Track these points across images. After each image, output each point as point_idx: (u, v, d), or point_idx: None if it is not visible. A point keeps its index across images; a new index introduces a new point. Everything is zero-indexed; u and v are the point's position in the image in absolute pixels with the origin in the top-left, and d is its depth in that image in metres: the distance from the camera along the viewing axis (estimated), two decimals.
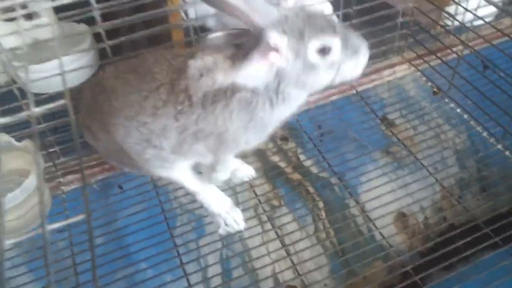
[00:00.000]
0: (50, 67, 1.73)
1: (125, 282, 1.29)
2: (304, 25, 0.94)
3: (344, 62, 0.99)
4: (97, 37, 1.43)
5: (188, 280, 1.26)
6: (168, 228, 1.37)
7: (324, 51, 0.95)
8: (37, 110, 0.75)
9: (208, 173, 1.36)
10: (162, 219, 1.40)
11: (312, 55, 0.95)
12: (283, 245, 1.35)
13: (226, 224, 1.35)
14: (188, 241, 1.37)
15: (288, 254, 1.33)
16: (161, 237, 1.35)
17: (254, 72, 0.91)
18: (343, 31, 0.97)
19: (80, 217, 0.65)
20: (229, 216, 1.35)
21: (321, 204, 1.49)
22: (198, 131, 1.09)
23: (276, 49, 0.93)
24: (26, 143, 1.43)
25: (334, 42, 0.95)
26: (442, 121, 1.71)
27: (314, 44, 0.94)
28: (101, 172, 1.57)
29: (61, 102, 0.75)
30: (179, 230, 1.39)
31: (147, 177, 1.50)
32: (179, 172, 1.28)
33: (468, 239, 1.28)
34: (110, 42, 1.40)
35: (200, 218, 1.43)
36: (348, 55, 0.98)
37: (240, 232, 1.37)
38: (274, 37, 0.92)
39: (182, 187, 1.40)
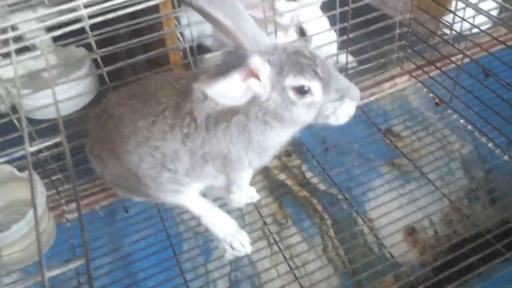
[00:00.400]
0: (50, 94, 1.72)
1: None
2: (287, 61, 0.94)
3: (326, 105, 0.97)
4: (97, 62, 1.43)
5: None
6: (174, 254, 1.35)
7: (301, 90, 0.94)
8: (32, 150, 0.74)
9: (225, 196, 1.35)
10: (168, 244, 1.38)
11: (289, 92, 0.95)
12: (292, 268, 1.33)
13: (232, 248, 1.33)
14: (197, 266, 1.35)
15: (296, 277, 1.30)
16: (168, 263, 1.33)
17: (227, 90, 0.90)
18: (329, 74, 0.95)
19: (80, 261, 0.63)
20: (235, 240, 1.33)
21: (329, 222, 1.47)
22: (205, 153, 1.09)
23: (256, 75, 0.92)
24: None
25: (312, 85, 0.94)
26: (447, 132, 1.69)
27: (290, 82, 0.94)
28: (105, 197, 1.55)
29: (56, 139, 0.74)
30: (187, 255, 1.37)
31: (152, 202, 1.48)
32: (189, 195, 1.27)
33: (480, 255, 1.26)
34: (107, 68, 1.39)
35: (207, 241, 1.42)
36: (331, 99, 0.96)
37: (247, 255, 1.35)
38: (258, 63, 0.91)
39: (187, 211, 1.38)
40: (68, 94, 1.60)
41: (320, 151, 1.68)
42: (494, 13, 2.00)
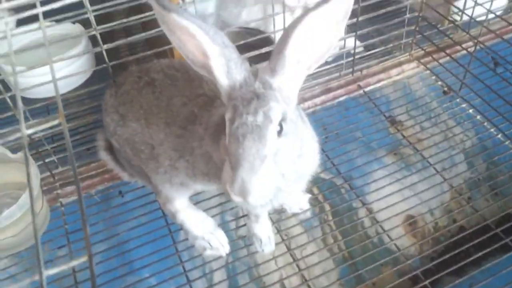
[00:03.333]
0: (43, 71, 1.65)
1: None
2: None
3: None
4: (93, 40, 1.35)
5: None
6: (174, 243, 1.31)
7: None
8: (29, 132, 0.68)
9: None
10: (166, 232, 1.34)
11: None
12: (294, 260, 1.30)
13: (210, 246, 1.28)
14: (194, 255, 1.31)
15: (300, 269, 1.28)
16: (166, 251, 1.30)
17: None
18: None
19: (82, 259, 0.58)
20: (213, 238, 1.28)
21: (327, 207, 1.44)
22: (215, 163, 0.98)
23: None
24: (22, 154, 1.36)
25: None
26: (452, 123, 1.65)
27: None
28: (101, 182, 1.50)
29: (55, 122, 0.68)
30: (184, 244, 1.33)
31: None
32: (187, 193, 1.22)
33: (477, 240, 1.25)
34: (106, 46, 1.32)
35: None
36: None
37: (226, 254, 1.30)
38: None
39: None
40: (63, 72, 1.53)
41: (322, 139, 1.63)
42: (505, 0, 1.93)
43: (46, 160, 1.46)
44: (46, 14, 1.25)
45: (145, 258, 1.29)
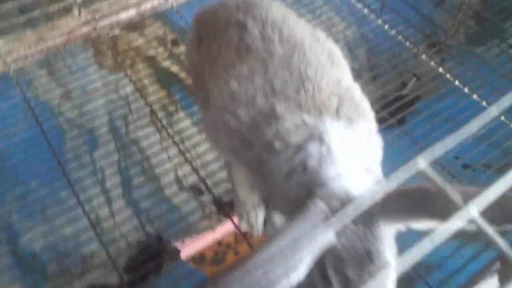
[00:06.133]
0: None
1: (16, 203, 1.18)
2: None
3: None
4: None
5: (78, 198, 1.15)
6: (50, 147, 1.22)
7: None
8: None
9: None
10: (42, 138, 1.24)
11: None
12: (181, 151, 1.29)
13: None
14: (80, 154, 1.25)
15: (187, 160, 1.27)
16: (45, 155, 1.21)
17: None
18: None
19: None
20: None
21: None
22: None
23: None
24: None
25: None
26: (332, 14, 1.69)
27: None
28: None
29: None
30: (70, 144, 1.26)
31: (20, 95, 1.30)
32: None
33: None
34: None
35: (91, 130, 1.31)
36: None
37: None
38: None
39: None
40: None
41: None
42: None
43: None
44: None
45: (24, 164, 1.19)
